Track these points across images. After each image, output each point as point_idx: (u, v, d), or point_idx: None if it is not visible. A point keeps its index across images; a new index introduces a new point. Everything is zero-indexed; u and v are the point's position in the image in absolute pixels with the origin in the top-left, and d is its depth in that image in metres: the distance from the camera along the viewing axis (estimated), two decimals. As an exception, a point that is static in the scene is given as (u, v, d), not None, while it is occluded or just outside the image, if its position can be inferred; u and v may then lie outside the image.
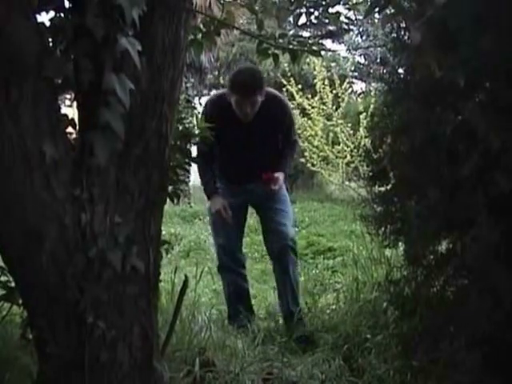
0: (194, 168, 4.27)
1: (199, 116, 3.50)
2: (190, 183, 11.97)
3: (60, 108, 1.75)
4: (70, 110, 1.84)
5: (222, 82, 22.96)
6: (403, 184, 2.24)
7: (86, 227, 1.72)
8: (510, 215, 1.87)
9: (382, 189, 2.50)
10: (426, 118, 2.05)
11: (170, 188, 2.93)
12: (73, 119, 1.76)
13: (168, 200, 2.99)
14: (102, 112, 1.66)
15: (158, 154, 1.88)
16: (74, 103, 1.84)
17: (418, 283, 2.20)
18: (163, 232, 5.48)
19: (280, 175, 3.99)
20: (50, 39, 1.74)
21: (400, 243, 2.33)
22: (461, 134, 1.97)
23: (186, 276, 2.18)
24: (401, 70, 2.44)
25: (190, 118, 3.42)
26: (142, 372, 1.91)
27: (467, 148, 1.97)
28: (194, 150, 2.99)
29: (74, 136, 1.82)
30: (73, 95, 1.83)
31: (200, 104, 13.25)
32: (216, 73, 22.14)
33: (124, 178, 1.81)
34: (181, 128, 3.06)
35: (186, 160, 2.89)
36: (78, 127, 1.79)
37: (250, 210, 4.32)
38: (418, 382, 2.40)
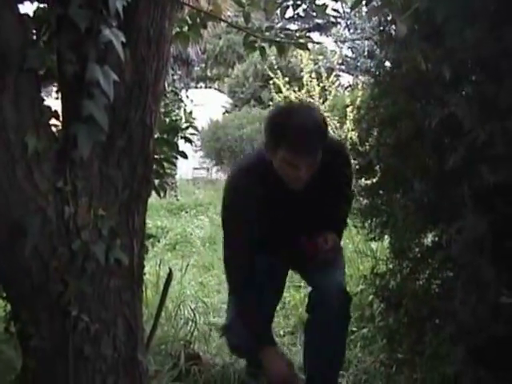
0: (180, 161, 3.94)
1: (185, 109, 3.46)
2: (177, 176, 11.94)
3: (43, 100, 1.73)
4: (56, 103, 1.83)
5: (209, 74, 23.00)
6: (389, 177, 2.24)
7: (70, 220, 1.70)
8: (495, 208, 1.87)
9: (369, 182, 2.50)
10: (412, 111, 2.05)
11: (157, 181, 2.92)
12: (56, 111, 1.74)
13: (154, 193, 2.98)
14: (85, 104, 1.64)
15: (142, 146, 1.86)
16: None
17: (403, 276, 2.20)
18: (149, 225, 5.46)
19: (331, 237, 2.70)
20: (34, 30, 1.73)
21: (386, 236, 2.34)
22: (447, 126, 1.97)
23: (170, 269, 2.17)
24: (387, 63, 2.44)
25: (177, 111, 3.40)
26: (127, 365, 1.90)
27: (453, 141, 1.98)
28: (180, 143, 2.98)
29: (57, 128, 1.80)
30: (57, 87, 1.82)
31: (187, 97, 13.17)
32: (203, 65, 22.16)
33: (108, 170, 1.79)
34: (168, 121, 3.05)
35: (173, 153, 2.88)
36: (61, 119, 1.78)
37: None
38: (403, 375, 2.41)
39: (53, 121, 1.75)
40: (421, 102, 2.08)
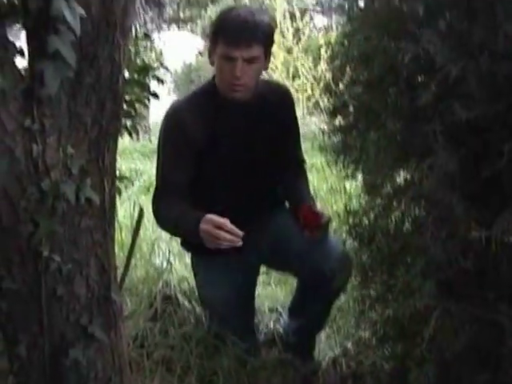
0: (154, 105, 3.82)
1: (157, 51, 3.40)
2: (151, 119, 11.83)
3: (7, 37, 1.68)
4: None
5: (181, 16, 22.60)
6: (362, 114, 2.22)
7: (39, 159, 1.68)
8: (467, 144, 1.88)
9: (342, 121, 2.49)
10: (385, 47, 2.03)
11: (129, 123, 2.90)
12: (21, 48, 1.69)
13: (128, 136, 2.95)
14: (51, 40, 1.60)
15: (110, 83, 1.82)
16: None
17: (376, 213, 2.21)
18: (123, 168, 5.45)
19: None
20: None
21: (359, 174, 2.33)
22: (419, 62, 1.96)
23: (140, 207, 2.16)
24: (360, 1, 2.41)
25: (150, 53, 3.35)
26: (101, 304, 1.91)
27: (425, 77, 1.96)
28: (153, 86, 2.95)
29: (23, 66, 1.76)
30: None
31: (159, 39, 12.97)
32: (175, 7, 21.72)
33: (76, 107, 1.76)
34: (139, 62, 3.01)
35: (145, 94, 2.85)
36: (27, 56, 1.74)
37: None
38: (376, 311, 2.45)
39: (18, 59, 1.71)
40: (394, 38, 2.06)
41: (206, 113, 2.54)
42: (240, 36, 2.38)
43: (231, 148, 2.57)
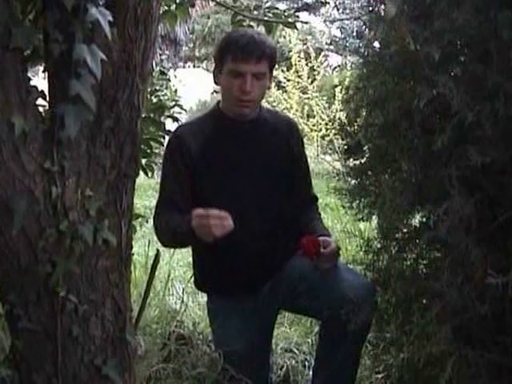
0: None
1: (172, 88, 3.44)
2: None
3: (30, 79, 1.71)
4: (43, 82, 1.81)
5: (197, 54, 22.85)
6: (377, 157, 2.24)
7: (57, 200, 1.70)
8: (482, 188, 1.88)
9: (357, 162, 2.50)
10: (401, 91, 2.05)
11: (144, 161, 2.92)
12: (43, 91, 1.72)
13: (142, 173, 2.98)
14: (72, 83, 1.63)
15: (129, 126, 1.85)
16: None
17: (391, 256, 2.21)
18: (138, 205, 5.43)
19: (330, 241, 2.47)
20: (19, 9, 1.71)
21: (374, 216, 2.34)
22: (435, 107, 1.97)
23: (157, 250, 2.17)
24: (376, 44, 2.44)
25: (165, 91, 3.39)
26: (115, 346, 1.91)
27: (441, 121, 1.98)
28: (168, 123, 2.97)
29: (44, 108, 1.79)
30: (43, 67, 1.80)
31: (175, 76, 13.09)
32: (191, 45, 22.02)
33: (95, 150, 1.78)
34: (155, 100, 3.05)
35: (160, 133, 2.88)
36: (48, 99, 1.77)
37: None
38: (390, 354, 2.43)
39: (40, 101, 1.74)
40: (409, 82, 2.08)
41: (206, 133, 2.57)
42: (249, 51, 2.42)
43: (231, 168, 2.56)
